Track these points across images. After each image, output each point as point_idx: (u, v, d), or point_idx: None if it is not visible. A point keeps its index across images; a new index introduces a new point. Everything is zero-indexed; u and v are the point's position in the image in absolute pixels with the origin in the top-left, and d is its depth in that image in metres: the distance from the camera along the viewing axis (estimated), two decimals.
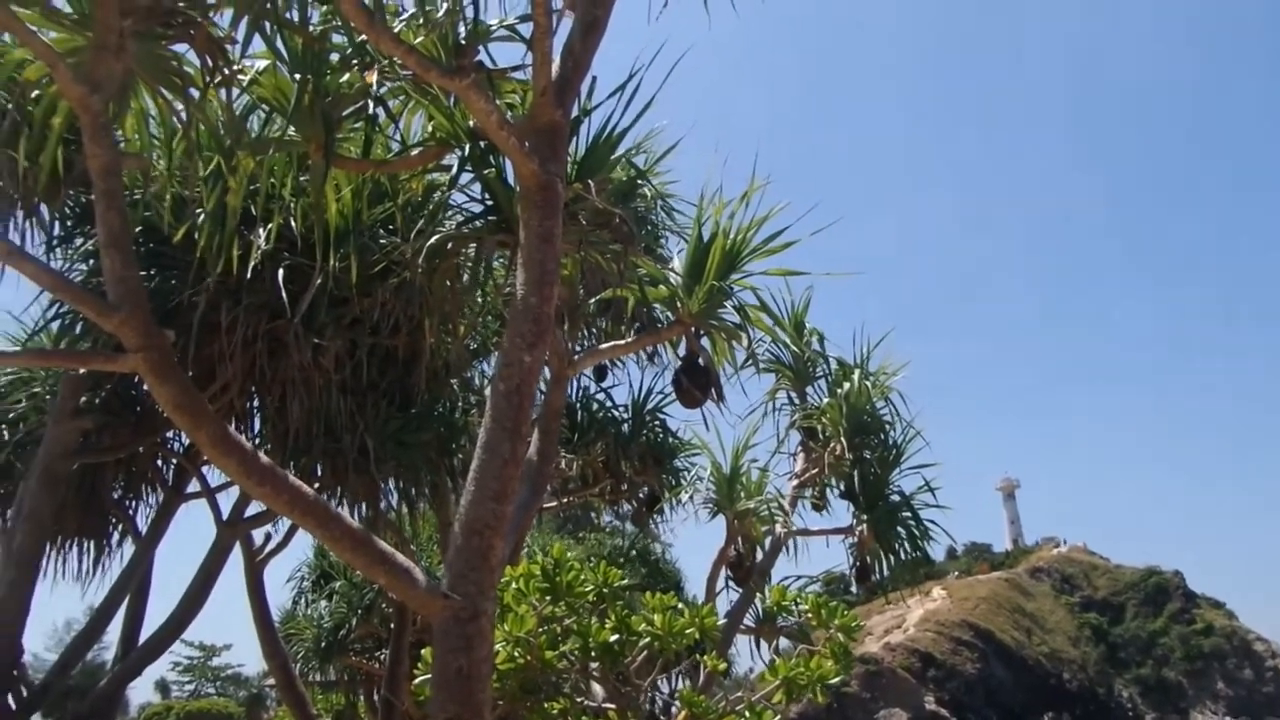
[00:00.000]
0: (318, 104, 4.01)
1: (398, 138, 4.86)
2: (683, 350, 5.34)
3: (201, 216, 4.73)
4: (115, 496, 7.61)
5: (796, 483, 7.74)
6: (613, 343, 6.23)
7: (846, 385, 7.58)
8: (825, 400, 7.73)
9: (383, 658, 10.60)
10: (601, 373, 8.05)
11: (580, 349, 6.13)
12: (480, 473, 3.37)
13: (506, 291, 5.11)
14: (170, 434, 7.29)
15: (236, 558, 7.81)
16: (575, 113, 4.31)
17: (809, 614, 5.56)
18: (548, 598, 4.53)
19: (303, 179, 4.54)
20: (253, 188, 4.53)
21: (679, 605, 4.83)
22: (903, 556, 7.41)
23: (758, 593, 7.07)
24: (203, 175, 4.47)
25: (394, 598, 8.46)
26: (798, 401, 7.93)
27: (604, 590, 4.68)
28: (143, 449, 7.28)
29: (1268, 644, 73.34)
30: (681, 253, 5.46)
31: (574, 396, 8.31)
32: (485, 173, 4.57)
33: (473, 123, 4.29)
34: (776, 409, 7.91)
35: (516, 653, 4.37)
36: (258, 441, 6.82)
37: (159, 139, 4.53)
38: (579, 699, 4.65)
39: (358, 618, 11.13)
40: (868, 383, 7.59)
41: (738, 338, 5.42)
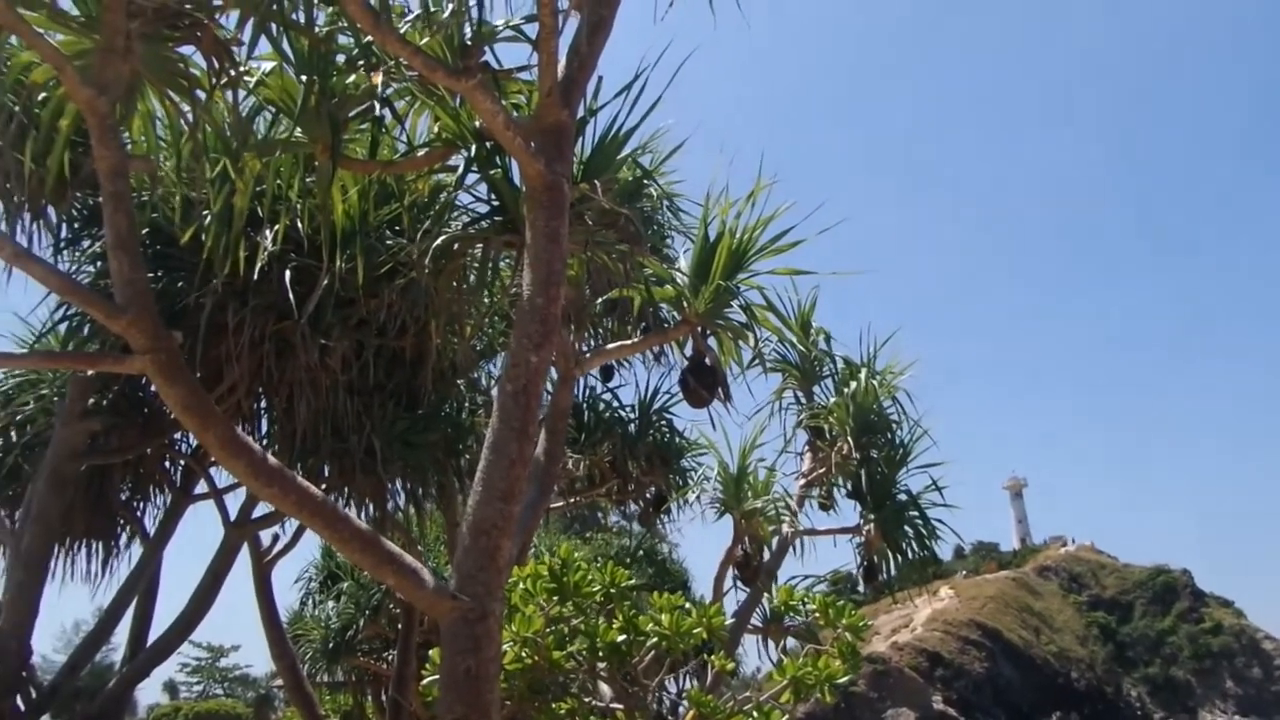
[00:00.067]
0: (324, 105, 4.02)
1: (404, 139, 4.87)
2: (689, 350, 5.33)
3: (208, 218, 4.75)
4: (123, 498, 7.64)
5: (803, 482, 7.72)
6: (619, 343, 6.22)
7: (853, 384, 7.56)
8: (832, 399, 7.71)
9: (390, 658, 10.61)
10: (608, 373, 8.03)
11: (587, 349, 6.13)
12: (487, 473, 3.37)
13: (513, 292, 5.12)
14: (178, 435, 7.32)
15: (244, 559, 7.84)
16: (581, 113, 4.31)
17: (816, 613, 5.54)
18: (555, 598, 4.52)
19: (309, 180, 4.54)
20: (259, 189, 4.53)
21: (686, 605, 4.82)
22: (910, 556, 7.39)
23: (765, 592, 7.06)
24: (209, 177, 4.48)
25: (401, 598, 8.46)
26: (804, 401, 7.91)
27: (611, 590, 4.67)
28: (150, 450, 7.31)
29: (1276, 642, 73.16)
30: (688, 252, 5.44)
31: (581, 397, 8.30)
32: (491, 173, 4.57)
33: (479, 123, 4.30)
34: (783, 408, 7.91)
35: (524, 653, 4.36)
36: (265, 442, 6.84)
37: (166, 141, 4.55)
38: (587, 699, 4.65)
39: (365, 618, 11.14)
40: (874, 382, 7.58)
41: (744, 337, 5.40)
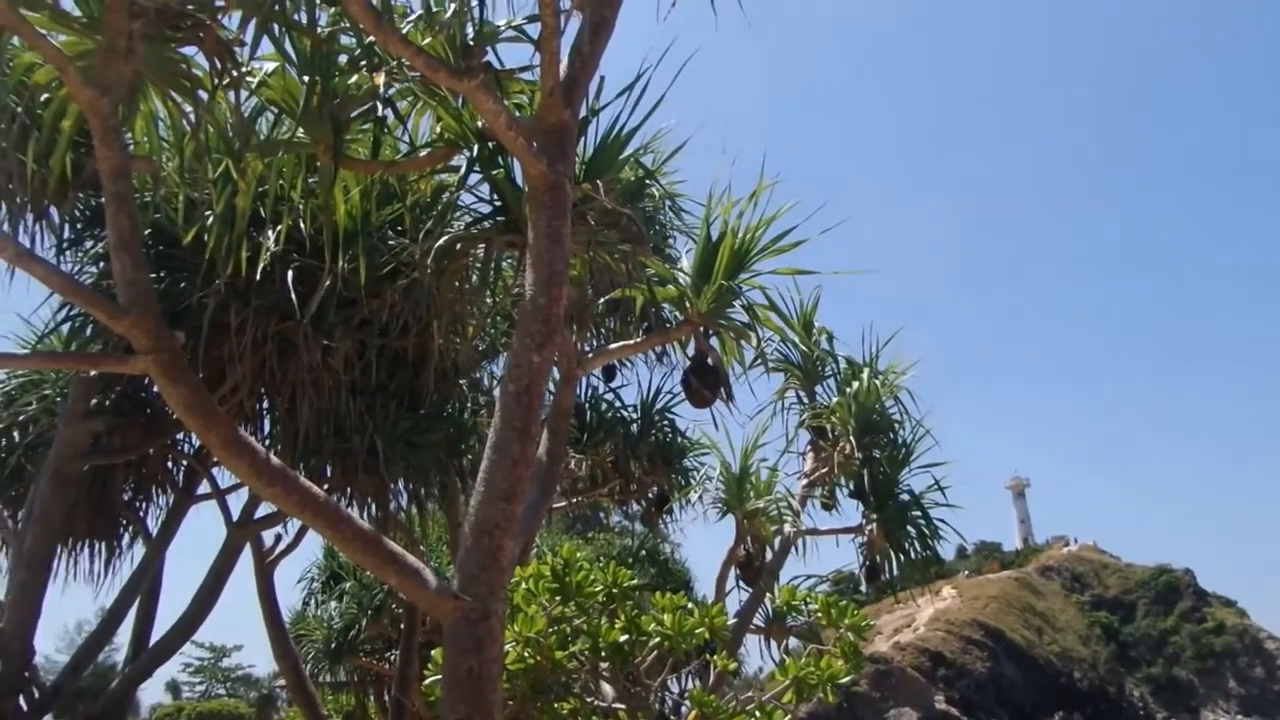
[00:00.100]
0: (326, 105, 4.02)
1: (406, 139, 4.87)
2: (691, 350, 5.33)
3: (211, 218, 4.76)
4: (126, 498, 7.64)
5: (806, 482, 7.72)
6: (621, 343, 6.22)
7: (856, 384, 7.56)
8: (834, 399, 7.70)
9: (393, 658, 10.61)
10: (610, 373, 8.02)
11: (589, 349, 6.13)
12: (490, 473, 3.37)
13: (515, 292, 5.12)
14: (180, 436, 7.33)
15: (247, 559, 7.84)
16: (583, 113, 4.30)
17: (819, 613, 5.53)
18: (557, 598, 4.51)
19: (311, 181, 4.54)
20: (261, 189, 4.53)
21: (689, 605, 4.81)
22: (912, 555, 7.39)
23: (767, 592, 7.05)
24: (212, 177, 4.49)
25: (404, 598, 8.47)
26: (807, 401, 7.90)
27: (614, 590, 4.67)
28: (153, 451, 7.32)
29: (1279, 642, 73.04)
30: (690, 252, 5.44)
31: (583, 397, 8.30)
32: (493, 173, 4.57)
33: (481, 123, 4.30)
34: (785, 408, 7.90)
35: (526, 653, 4.36)
36: (268, 443, 6.84)
37: (168, 141, 4.55)
38: (589, 699, 4.64)
39: (368, 618, 11.16)
40: (877, 381, 7.57)
41: (746, 337, 5.40)
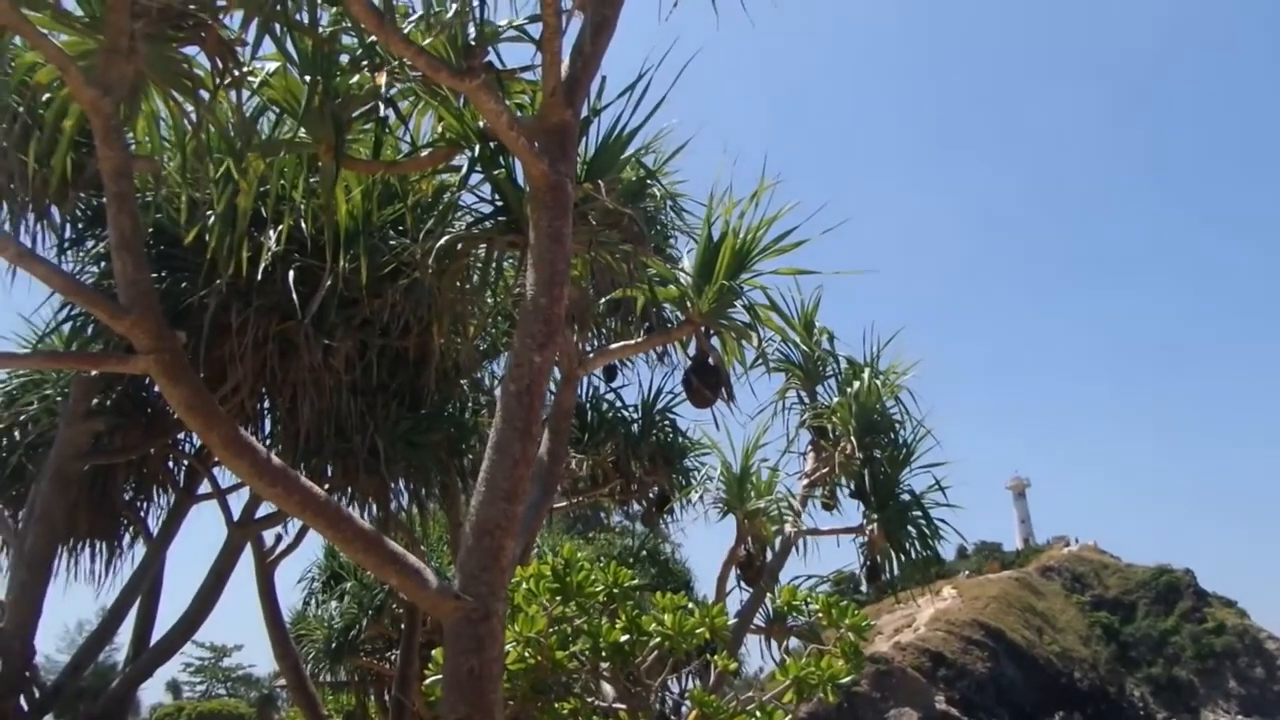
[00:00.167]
0: (328, 105, 4.02)
1: (407, 139, 4.87)
2: (693, 350, 5.34)
3: (212, 218, 4.76)
4: (127, 498, 7.64)
5: (807, 482, 7.72)
6: (623, 343, 6.22)
7: (856, 384, 7.56)
8: (835, 399, 7.71)
9: (393, 658, 10.60)
10: (611, 373, 8.03)
11: (590, 349, 6.12)
12: (491, 473, 3.37)
13: (516, 292, 5.11)
14: (181, 435, 7.33)
15: (247, 559, 7.84)
16: (585, 113, 4.30)
17: (819, 613, 5.53)
18: (558, 598, 4.51)
19: (313, 180, 4.55)
20: (263, 189, 4.53)
21: (689, 605, 4.82)
22: (913, 555, 7.39)
23: (768, 592, 7.06)
24: (213, 177, 4.49)
25: (405, 598, 8.46)
26: (808, 401, 7.91)
27: (614, 590, 4.67)
28: (154, 450, 7.31)
29: (1279, 642, 73.02)
30: (691, 252, 5.44)
31: (584, 396, 8.31)
32: (495, 173, 4.58)
33: (482, 123, 4.30)
34: (786, 408, 7.90)
35: (527, 653, 4.36)
36: (268, 443, 6.84)
37: (170, 141, 4.55)
38: (590, 699, 4.64)
39: (368, 618, 11.15)
40: (878, 381, 7.57)
41: (748, 337, 5.40)
